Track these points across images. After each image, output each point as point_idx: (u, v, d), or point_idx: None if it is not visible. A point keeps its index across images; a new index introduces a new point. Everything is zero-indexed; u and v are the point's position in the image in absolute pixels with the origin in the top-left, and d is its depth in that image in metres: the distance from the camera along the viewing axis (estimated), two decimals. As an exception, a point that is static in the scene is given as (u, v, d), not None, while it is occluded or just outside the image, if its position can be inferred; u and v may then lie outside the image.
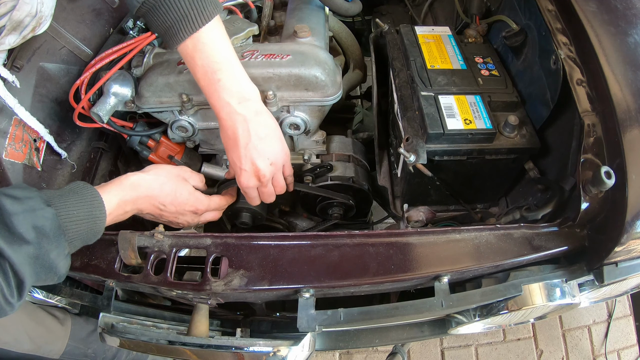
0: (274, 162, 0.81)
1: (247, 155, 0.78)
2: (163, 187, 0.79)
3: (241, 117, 0.76)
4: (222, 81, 0.73)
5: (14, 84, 0.85)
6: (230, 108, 0.75)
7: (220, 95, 0.75)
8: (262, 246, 0.72)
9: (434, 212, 1.01)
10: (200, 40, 0.71)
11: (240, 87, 0.76)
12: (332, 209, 1.07)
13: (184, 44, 0.72)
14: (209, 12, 0.70)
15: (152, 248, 0.72)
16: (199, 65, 0.73)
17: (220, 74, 0.73)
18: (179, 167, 0.86)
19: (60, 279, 0.63)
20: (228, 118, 0.76)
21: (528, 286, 0.73)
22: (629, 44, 0.76)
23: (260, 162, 0.79)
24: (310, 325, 0.68)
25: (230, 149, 0.80)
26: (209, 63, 0.73)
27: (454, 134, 0.81)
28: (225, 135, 0.79)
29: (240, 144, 0.77)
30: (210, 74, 0.73)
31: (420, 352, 1.82)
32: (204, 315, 0.78)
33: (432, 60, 0.96)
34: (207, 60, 0.72)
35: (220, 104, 0.75)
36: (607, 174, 0.65)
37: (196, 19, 0.69)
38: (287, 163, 0.87)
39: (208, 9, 0.70)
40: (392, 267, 0.70)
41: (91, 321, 1.27)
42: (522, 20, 0.96)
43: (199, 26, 0.70)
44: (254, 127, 0.77)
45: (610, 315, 1.94)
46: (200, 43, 0.72)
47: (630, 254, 0.71)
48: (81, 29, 1.04)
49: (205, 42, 0.72)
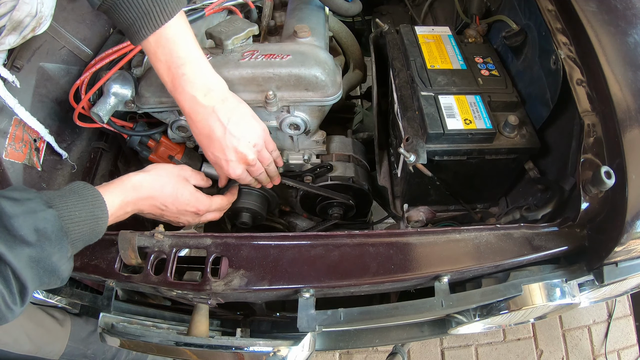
0: (256, 143, 0.81)
1: (228, 144, 0.77)
2: (164, 188, 0.78)
3: (209, 109, 0.74)
4: (187, 75, 0.72)
5: (14, 84, 0.85)
6: (195, 101, 0.73)
7: (184, 89, 0.73)
8: (263, 246, 0.72)
9: (434, 212, 1.01)
10: (163, 36, 0.69)
11: (205, 79, 0.74)
12: (332, 209, 1.07)
13: (147, 40, 0.70)
14: (172, 9, 0.68)
15: (152, 248, 0.72)
16: (162, 61, 0.71)
17: (184, 68, 0.71)
18: (179, 166, 0.86)
19: (63, 282, 0.62)
20: (195, 112, 0.74)
21: (528, 286, 0.73)
22: (629, 44, 0.76)
23: (243, 147, 0.78)
24: (311, 325, 0.68)
25: (207, 145, 0.79)
26: (172, 59, 0.71)
27: (454, 134, 0.81)
28: (198, 132, 0.77)
29: (217, 136, 0.76)
30: (174, 69, 0.71)
31: (420, 352, 1.82)
32: (204, 315, 0.78)
33: (432, 60, 0.96)
34: (170, 56, 0.71)
35: (184, 98, 0.74)
36: (607, 174, 0.65)
37: (158, 15, 0.67)
38: (267, 138, 0.85)
39: (170, 5, 0.68)
40: (392, 267, 0.70)
41: (91, 322, 1.27)
42: (522, 20, 0.96)
43: (162, 23, 0.68)
44: (224, 114, 0.75)
45: (610, 315, 1.94)
46: (163, 39, 0.70)
47: (630, 254, 0.71)
48: (81, 29, 1.04)
49: (168, 38, 0.70)
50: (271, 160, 0.89)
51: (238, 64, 0.86)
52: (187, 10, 1.03)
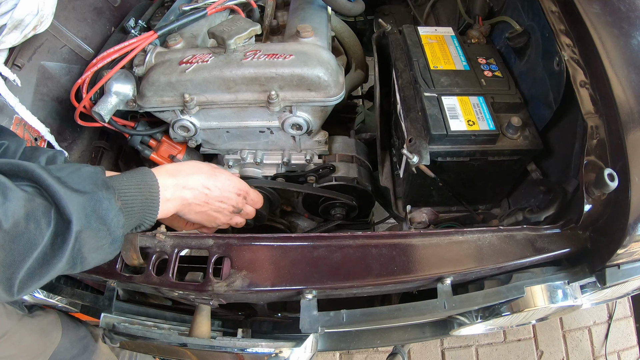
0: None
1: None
2: (202, 169, 0.79)
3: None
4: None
5: (14, 82, 0.85)
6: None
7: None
8: (265, 247, 0.72)
9: (436, 214, 1.00)
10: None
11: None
12: (335, 210, 1.07)
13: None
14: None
15: (154, 248, 0.72)
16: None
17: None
18: (206, 162, 0.87)
19: (115, 242, 0.60)
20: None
21: (530, 288, 0.73)
22: (632, 46, 0.76)
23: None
24: (313, 327, 0.67)
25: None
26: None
27: (457, 135, 0.81)
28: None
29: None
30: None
31: (420, 352, 1.82)
32: (205, 316, 0.77)
33: (435, 60, 0.95)
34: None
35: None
36: (610, 176, 0.65)
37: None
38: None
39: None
40: (395, 269, 0.69)
41: (76, 345, 1.21)
42: (525, 21, 0.96)
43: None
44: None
45: (610, 316, 1.94)
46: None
47: (633, 256, 0.71)
48: (82, 27, 1.04)
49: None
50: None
51: (240, 63, 0.85)
52: (190, 9, 1.03)
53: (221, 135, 1.00)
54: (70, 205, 0.54)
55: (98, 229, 0.57)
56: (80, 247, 0.55)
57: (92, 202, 0.57)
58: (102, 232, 0.58)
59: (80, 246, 0.55)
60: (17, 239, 0.50)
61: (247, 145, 1.04)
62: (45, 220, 0.52)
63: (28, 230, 0.50)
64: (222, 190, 0.81)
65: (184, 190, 0.75)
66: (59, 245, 0.53)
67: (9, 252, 0.49)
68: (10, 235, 0.49)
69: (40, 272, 0.53)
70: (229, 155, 1.06)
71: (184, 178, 0.74)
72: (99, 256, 0.60)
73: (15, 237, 0.49)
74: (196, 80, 0.86)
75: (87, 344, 1.22)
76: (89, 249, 0.57)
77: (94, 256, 0.58)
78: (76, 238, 0.54)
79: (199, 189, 0.77)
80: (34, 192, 0.54)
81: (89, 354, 1.23)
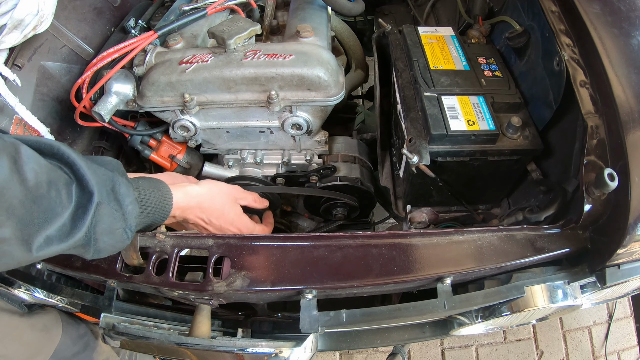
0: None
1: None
2: (214, 202, 0.80)
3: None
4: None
5: (15, 82, 0.85)
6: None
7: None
8: (265, 247, 0.72)
9: (437, 213, 1.00)
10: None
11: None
12: (337, 210, 1.07)
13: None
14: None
15: (153, 248, 0.72)
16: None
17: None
18: (232, 186, 0.87)
19: (128, 230, 0.61)
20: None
21: (530, 288, 0.73)
22: (633, 46, 0.76)
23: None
24: (313, 327, 0.67)
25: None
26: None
27: (457, 135, 0.81)
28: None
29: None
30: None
31: (420, 352, 1.82)
32: (205, 316, 0.77)
33: (435, 60, 0.95)
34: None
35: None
36: (610, 176, 0.65)
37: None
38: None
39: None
40: (395, 269, 0.69)
41: (78, 343, 1.21)
42: (525, 21, 0.96)
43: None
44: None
45: (610, 316, 1.94)
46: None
47: (633, 256, 0.71)
48: (82, 27, 1.04)
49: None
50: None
51: (240, 63, 0.86)
52: (190, 9, 1.03)
53: (221, 135, 1.00)
54: (93, 178, 0.56)
55: (115, 209, 0.58)
56: (96, 223, 0.56)
57: (111, 183, 0.59)
58: (117, 213, 0.59)
59: (96, 223, 0.56)
60: (38, 200, 0.50)
61: (247, 145, 1.04)
62: (66, 191, 0.54)
63: (49, 195, 0.51)
64: (222, 226, 0.82)
65: (185, 215, 0.77)
66: (79, 217, 0.54)
67: (28, 211, 0.49)
68: (32, 194, 0.50)
69: (59, 241, 0.53)
70: (229, 155, 1.07)
71: (190, 208, 0.76)
72: (110, 240, 0.59)
73: (36, 198, 0.50)
74: (196, 80, 0.86)
75: (87, 342, 1.23)
76: (103, 229, 0.57)
77: (106, 240, 0.58)
78: (95, 210, 0.55)
79: (200, 219, 0.80)
80: (57, 166, 0.55)
81: (90, 351, 1.23)
